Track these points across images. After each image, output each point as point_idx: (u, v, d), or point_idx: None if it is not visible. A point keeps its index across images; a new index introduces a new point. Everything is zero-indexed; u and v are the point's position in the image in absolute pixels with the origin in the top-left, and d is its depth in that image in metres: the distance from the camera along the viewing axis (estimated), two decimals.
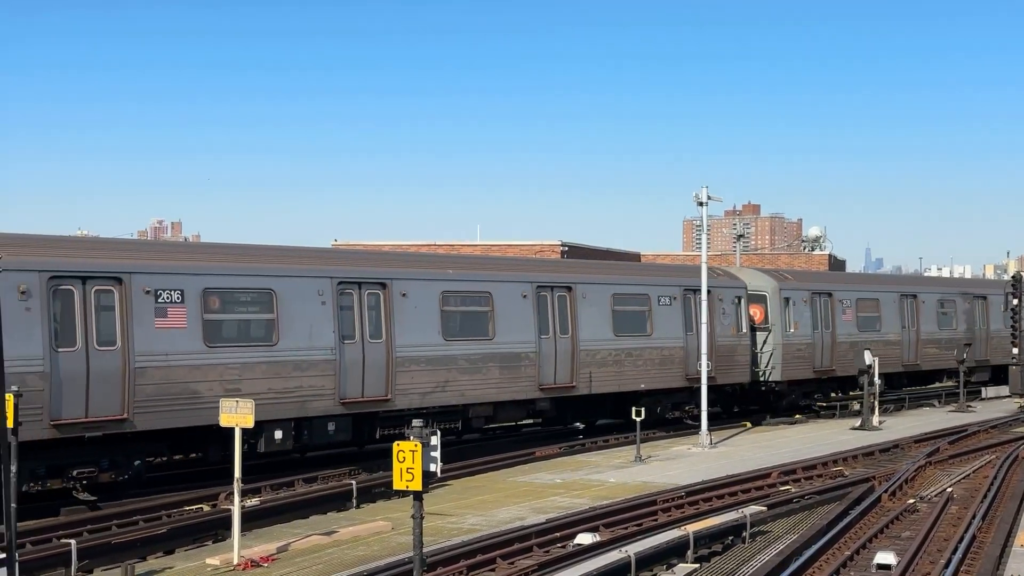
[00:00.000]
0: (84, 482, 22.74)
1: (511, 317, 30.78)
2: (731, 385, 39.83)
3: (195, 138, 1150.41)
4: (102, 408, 22.19)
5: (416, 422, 14.05)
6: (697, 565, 18.68)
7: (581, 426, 36.70)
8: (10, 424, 12.67)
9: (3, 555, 7.71)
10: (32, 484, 21.93)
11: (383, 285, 27.80)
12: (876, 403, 39.74)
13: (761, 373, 40.73)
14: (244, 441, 22.60)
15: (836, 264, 73.80)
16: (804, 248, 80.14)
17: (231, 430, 19.00)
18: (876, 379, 39.26)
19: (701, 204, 34.44)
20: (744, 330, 39.29)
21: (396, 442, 13.85)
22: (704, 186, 34.08)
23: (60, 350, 21.79)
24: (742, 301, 39.37)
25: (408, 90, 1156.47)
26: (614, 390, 34.25)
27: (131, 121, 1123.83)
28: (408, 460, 13.76)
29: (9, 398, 7.93)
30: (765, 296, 41.02)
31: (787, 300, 41.36)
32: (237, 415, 18.46)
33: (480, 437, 34.21)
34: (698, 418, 34.67)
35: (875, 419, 39.02)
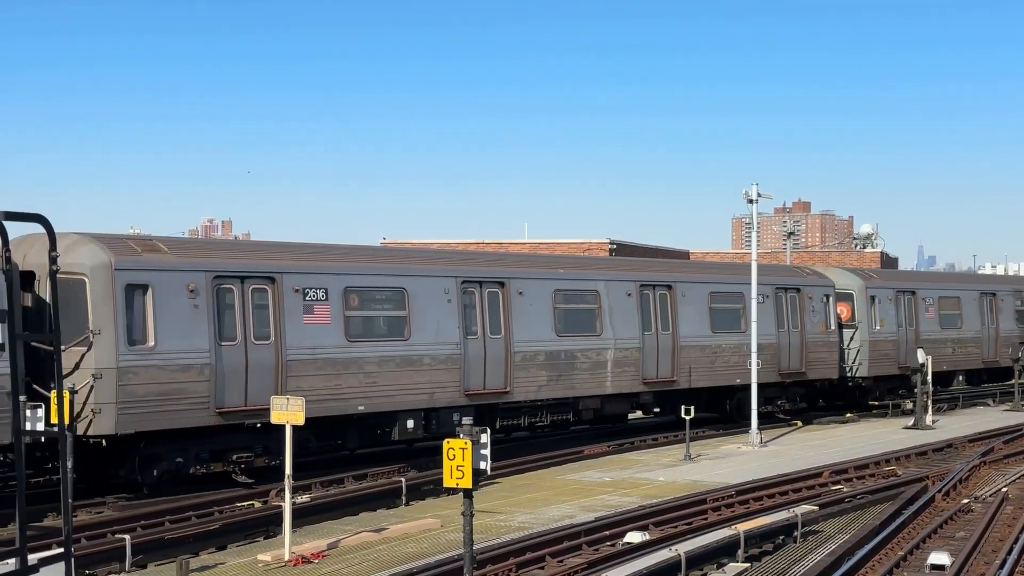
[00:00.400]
0: (242, 466, 24.51)
1: (617, 314, 32.39)
2: (820, 381, 40.78)
3: (244, 136, 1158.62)
4: (259, 397, 23.55)
5: (466, 420, 14.09)
6: (748, 564, 18.58)
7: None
8: (67, 421, 12.81)
9: (60, 549, 7.80)
10: (198, 467, 23.80)
11: (501, 284, 29.54)
12: (929, 402, 39.39)
13: (848, 369, 41.69)
14: (380, 429, 27.12)
15: (888, 262, 73.12)
16: (855, 246, 79.45)
17: (369, 419, 22.62)
18: (929, 377, 38.97)
19: (751, 201, 34.27)
20: (832, 327, 40.45)
21: (446, 440, 13.88)
22: (754, 183, 33.93)
23: (223, 344, 23.68)
24: (830, 299, 40.50)
25: (455, 86, 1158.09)
26: (711, 384, 35.63)
27: (182, 118, 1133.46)
28: (458, 458, 13.79)
29: (65, 396, 8.04)
30: (852, 294, 42.23)
31: (873, 298, 42.40)
32: (288, 412, 18.55)
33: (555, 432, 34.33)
34: (789, 412, 36.38)
35: (928, 418, 38.63)
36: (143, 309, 22.75)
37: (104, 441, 22.51)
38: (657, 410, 35.95)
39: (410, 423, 26.93)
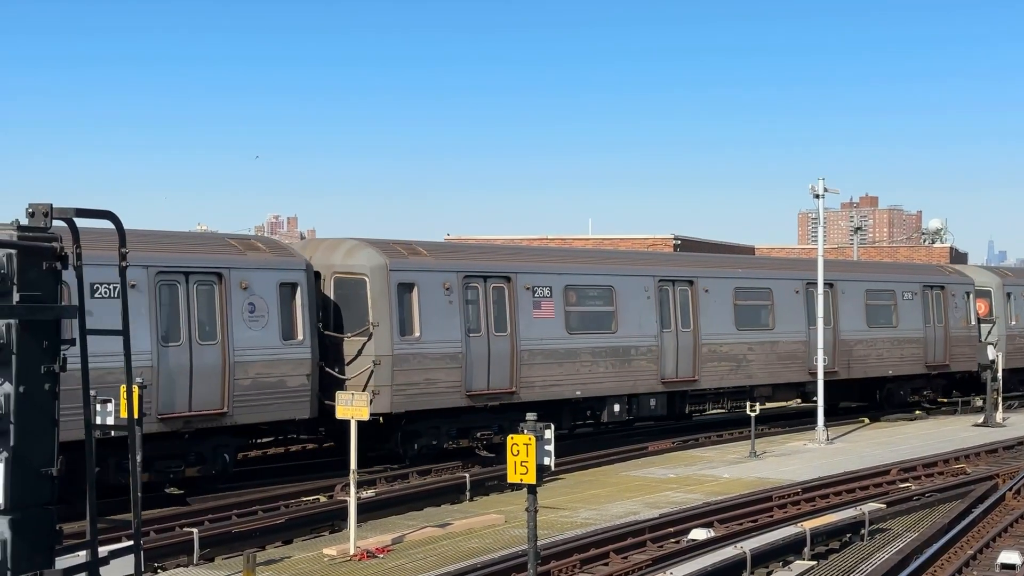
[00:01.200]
0: (484, 442, 28.11)
1: (787, 310, 35.49)
2: (960, 372, 42.74)
3: (308, 135, 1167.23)
4: (498, 382, 27.51)
5: (530, 416, 14.07)
6: (814, 562, 18.41)
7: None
8: (135, 415, 12.97)
9: (130, 542, 7.92)
10: (449, 443, 27.45)
11: (691, 283, 32.57)
12: (1000, 399, 38.86)
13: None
14: (591, 411, 30.70)
15: (957, 257, 72.01)
16: (924, 241, 78.37)
17: (583, 402, 28.46)
18: (1000, 374, 38.47)
19: (817, 196, 34.00)
20: (972, 322, 42.97)
21: (511, 435, 13.89)
22: (821, 178, 33.63)
23: (471, 335, 27.00)
24: (970, 296, 43.05)
25: (519, 88, 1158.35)
26: (865, 375, 38.69)
27: (247, 118, 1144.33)
28: (522, 454, 13.79)
29: (135, 391, 8.15)
30: (990, 291, 44.71)
31: (1008, 295, 44.95)
32: (352, 408, 18.65)
33: (599, 430, 34.35)
34: (935, 402, 38.92)
35: (999, 415, 38.09)
36: (410, 305, 26.22)
37: (381, 419, 25.51)
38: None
39: (616, 407, 30.21)
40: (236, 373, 23.20)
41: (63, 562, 6.93)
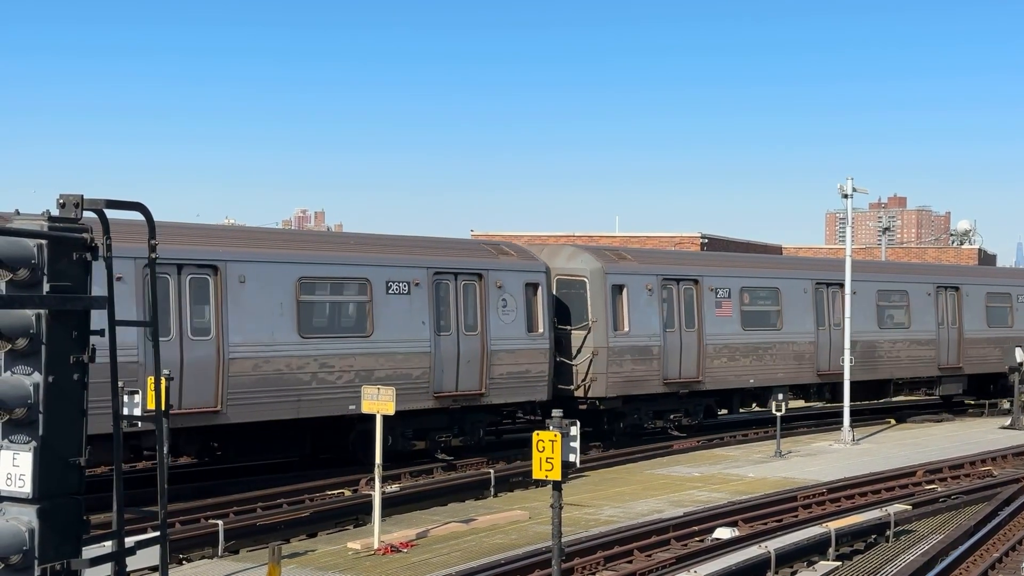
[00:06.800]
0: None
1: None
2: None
3: (334, 130, 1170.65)
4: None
5: (555, 412, 14.05)
6: (839, 563, 18.34)
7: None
8: (163, 407, 13.01)
9: (156, 533, 7.97)
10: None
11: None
12: None
13: None
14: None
15: (986, 259, 71.62)
16: (953, 242, 78.00)
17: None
18: None
19: (846, 196, 33.85)
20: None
21: (536, 432, 13.88)
22: (849, 178, 33.47)
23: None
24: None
25: (545, 84, 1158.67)
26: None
27: (274, 112, 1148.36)
28: (548, 450, 13.77)
29: (163, 382, 8.18)
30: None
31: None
32: (379, 402, 18.69)
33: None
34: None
35: None
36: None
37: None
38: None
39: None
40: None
41: (90, 551, 6.98)
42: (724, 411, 35.60)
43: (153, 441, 22.29)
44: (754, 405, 35.69)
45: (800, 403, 39.84)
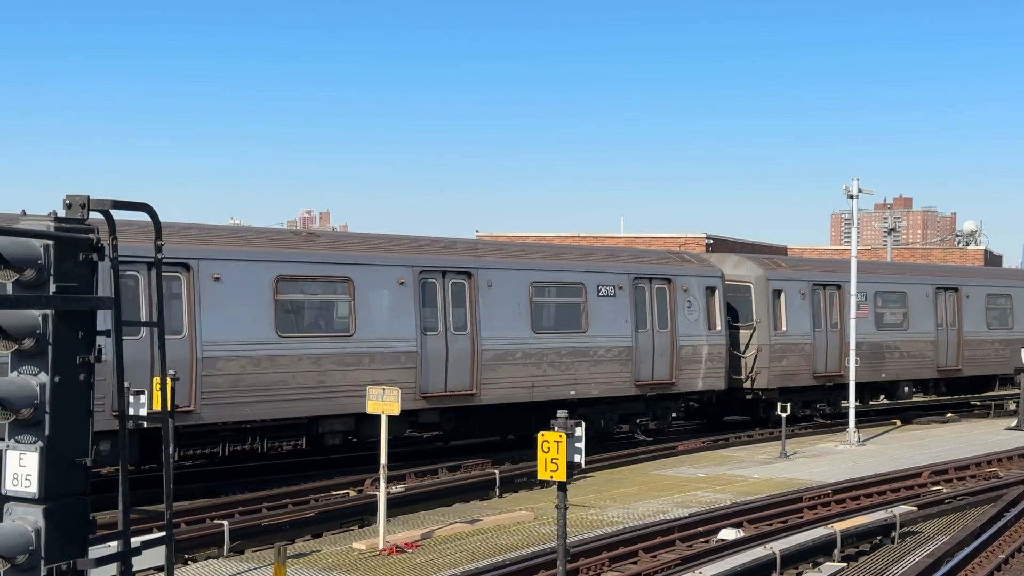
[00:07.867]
0: (821, 412, 37.05)
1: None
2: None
3: (340, 131, 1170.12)
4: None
5: (561, 413, 14.04)
6: (844, 564, 18.33)
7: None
8: (168, 407, 13.02)
9: (161, 533, 7.98)
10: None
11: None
12: None
13: None
14: (884, 392, 39.62)
15: (992, 259, 71.46)
16: (958, 243, 77.85)
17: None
18: None
19: (851, 197, 33.76)
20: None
21: (541, 432, 13.87)
22: (855, 178, 33.42)
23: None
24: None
25: (548, 85, 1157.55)
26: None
27: (279, 113, 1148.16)
28: (553, 451, 13.77)
29: (168, 383, 8.19)
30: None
31: None
32: (383, 403, 18.68)
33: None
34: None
35: None
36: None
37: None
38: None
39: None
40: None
41: (96, 552, 6.98)
42: (857, 403, 37.11)
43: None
44: (882, 397, 39.63)
45: (919, 397, 43.14)
